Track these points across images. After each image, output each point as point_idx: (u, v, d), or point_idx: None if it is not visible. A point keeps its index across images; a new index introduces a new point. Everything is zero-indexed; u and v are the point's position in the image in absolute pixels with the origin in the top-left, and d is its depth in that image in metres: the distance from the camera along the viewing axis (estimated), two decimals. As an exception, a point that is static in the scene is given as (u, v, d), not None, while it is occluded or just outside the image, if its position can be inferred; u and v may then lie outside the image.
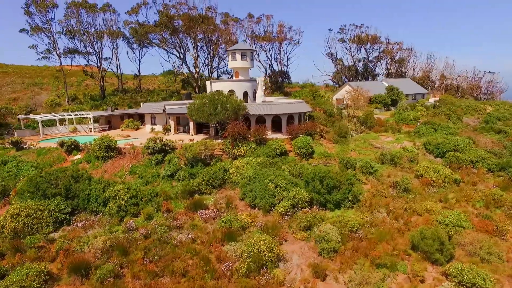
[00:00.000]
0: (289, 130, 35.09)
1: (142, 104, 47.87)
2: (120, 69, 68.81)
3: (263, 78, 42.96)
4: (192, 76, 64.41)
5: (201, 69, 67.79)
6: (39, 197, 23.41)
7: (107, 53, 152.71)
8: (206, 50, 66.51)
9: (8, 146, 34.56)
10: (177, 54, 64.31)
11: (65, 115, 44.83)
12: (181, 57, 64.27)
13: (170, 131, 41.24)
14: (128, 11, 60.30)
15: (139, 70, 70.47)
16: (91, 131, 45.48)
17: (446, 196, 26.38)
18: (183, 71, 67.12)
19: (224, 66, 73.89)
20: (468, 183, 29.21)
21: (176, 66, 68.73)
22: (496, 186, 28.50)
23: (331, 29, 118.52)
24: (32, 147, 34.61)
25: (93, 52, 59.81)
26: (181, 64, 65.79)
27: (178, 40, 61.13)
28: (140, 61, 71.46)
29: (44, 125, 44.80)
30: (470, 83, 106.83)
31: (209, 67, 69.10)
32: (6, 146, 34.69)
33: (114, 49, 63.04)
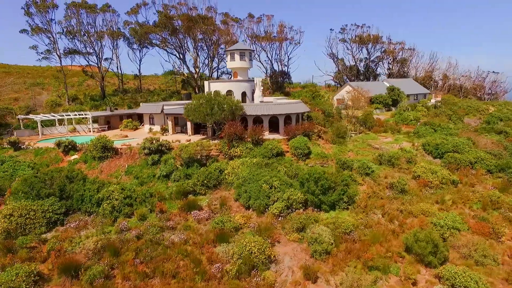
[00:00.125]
0: (286, 131, 34.90)
1: (141, 105, 47.93)
2: (121, 69, 69.12)
3: (261, 79, 42.80)
4: (192, 76, 64.41)
5: (201, 69, 67.84)
6: (33, 197, 23.45)
7: (108, 54, 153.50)
8: (206, 50, 66.52)
9: (6, 146, 34.72)
10: (177, 55, 64.38)
11: (64, 115, 44.96)
12: (181, 58, 64.37)
13: (168, 132, 41.21)
14: (128, 12, 60.52)
15: (140, 70, 70.73)
16: (90, 131, 45.59)
17: (443, 198, 26.08)
18: (183, 72, 67.14)
19: (224, 66, 73.82)
20: (466, 185, 28.89)
21: (177, 66, 68.87)
22: (495, 188, 28.15)
23: (333, 29, 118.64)
24: (30, 147, 34.78)
25: (93, 53, 60.01)
26: (181, 65, 65.90)
27: (178, 41, 61.16)
28: (141, 62, 71.80)
29: (43, 125, 44.97)
30: (474, 83, 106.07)
31: (209, 67, 69.13)
32: (4, 146, 34.84)
33: (115, 50, 63.29)
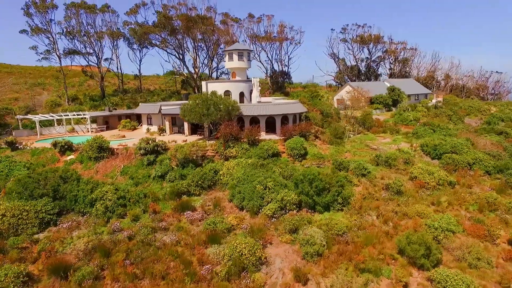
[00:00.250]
0: (283, 131, 34.74)
1: (140, 105, 47.95)
2: (121, 70, 69.21)
3: (259, 79, 42.67)
4: (192, 77, 64.39)
5: (201, 69, 67.82)
6: (27, 198, 23.44)
7: (108, 54, 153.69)
8: (206, 51, 66.47)
9: (4, 146, 34.77)
10: (176, 55, 64.38)
11: (63, 116, 45.05)
12: (180, 58, 64.35)
13: (166, 132, 41.19)
14: (127, 12, 60.60)
15: (140, 71, 70.84)
16: (88, 132, 45.66)
17: (439, 199, 25.85)
18: (183, 72, 67.15)
19: (224, 66, 73.71)
20: (464, 186, 28.61)
21: (177, 67, 68.87)
22: (492, 189, 27.86)
23: (334, 29, 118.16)
24: (27, 147, 34.85)
25: (93, 53, 60.15)
26: (181, 65, 65.90)
27: (177, 41, 61.15)
28: (141, 62, 71.87)
29: (42, 126, 45.09)
30: (477, 83, 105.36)
31: (209, 67, 69.07)
32: (2, 146, 34.89)
33: (115, 50, 63.40)
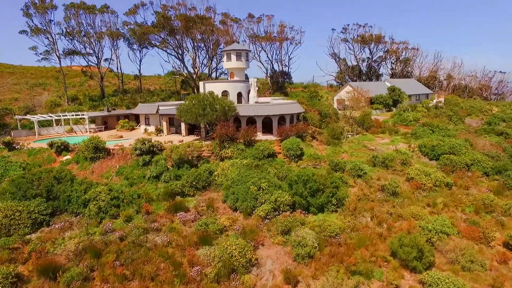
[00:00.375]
0: (280, 132, 34.58)
1: (138, 105, 47.97)
2: (121, 70, 69.40)
3: (256, 79, 42.53)
4: (191, 77, 64.40)
5: (201, 70, 67.80)
6: (20, 198, 23.48)
7: (108, 54, 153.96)
8: (205, 51, 66.43)
9: (1, 146, 34.93)
10: (176, 55, 64.42)
11: (61, 116, 45.17)
12: (180, 58, 64.36)
13: (163, 132, 41.16)
14: (126, 12, 60.70)
15: (140, 71, 70.99)
16: (87, 132, 45.77)
17: (435, 201, 25.57)
18: (183, 72, 67.19)
19: (223, 67, 73.75)
20: (461, 187, 28.29)
21: (177, 67, 68.92)
22: (489, 191, 27.53)
23: (334, 29, 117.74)
24: (24, 148, 34.96)
25: (93, 53, 60.31)
26: (181, 65, 65.92)
27: (176, 41, 61.18)
28: (141, 62, 71.96)
29: (41, 126, 45.26)
30: (480, 83, 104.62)
31: (209, 67, 69.03)
32: (-1, 146, 35.10)
33: (114, 50, 63.57)
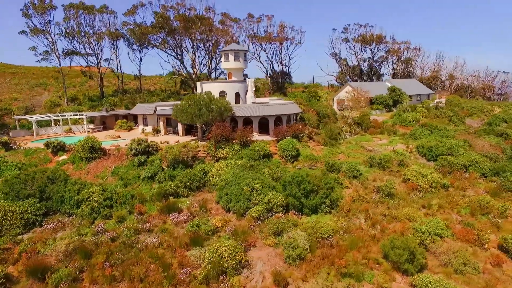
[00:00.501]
0: (276, 132, 34.42)
1: (136, 105, 47.99)
2: (121, 70, 69.50)
3: (253, 79, 42.42)
4: (190, 77, 64.38)
5: (200, 70, 67.74)
6: (13, 198, 23.49)
7: (109, 54, 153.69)
8: (205, 51, 66.41)
9: (-2, 146, 35.05)
10: (175, 55, 64.45)
11: (60, 116, 45.25)
12: (179, 58, 64.34)
13: (160, 132, 41.13)
14: (125, 13, 60.81)
15: (140, 71, 71.05)
16: (85, 132, 45.84)
17: (430, 202, 25.32)
18: (182, 72, 67.19)
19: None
20: (458, 189, 27.99)
21: (176, 67, 68.92)
22: (486, 192, 27.23)
23: (335, 29, 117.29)
24: (21, 148, 35.04)
25: (93, 54, 60.43)
26: (180, 65, 65.92)
27: (175, 41, 61.18)
28: (141, 62, 72.01)
29: (40, 126, 45.39)
30: (483, 83, 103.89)
31: (208, 68, 68.99)
32: (-4, 147, 35.18)
33: (114, 50, 63.67)
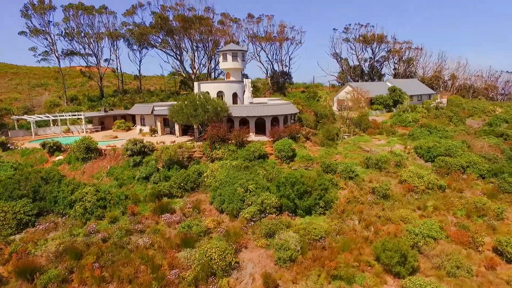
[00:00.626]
0: (272, 133, 34.25)
1: (134, 105, 48.01)
2: (121, 70, 69.60)
3: (251, 80, 42.31)
4: (189, 77, 64.36)
5: (200, 70, 67.75)
6: (6, 199, 23.52)
7: (109, 55, 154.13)
8: (204, 51, 66.37)
9: (-5, 147, 35.18)
10: (174, 55, 64.49)
11: (58, 116, 45.37)
12: (178, 58, 64.35)
13: (157, 133, 41.09)
14: (124, 13, 60.95)
15: (140, 71, 71.15)
16: (83, 132, 45.92)
17: (426, 204, 25.05)
18: (182, 72, 67.20)
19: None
20: (455, 190, 27.69)
21: (176, 67, 68.90)
22: (483, 194, 26.89)
23: (336, 29, 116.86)
24: (18, 148, 35.14)
25: (92, 54, 60.58)
26: (180, 65, 65.85)
27: (174, 41, 61.18)
28: (141, 62, 72.09)
29: (39, 126, 45.53)
30: (486, 83, 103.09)
31: (208, 68, 68.92)
32: (-7, 147, 35.30)
33: (114, 50, 63.79)
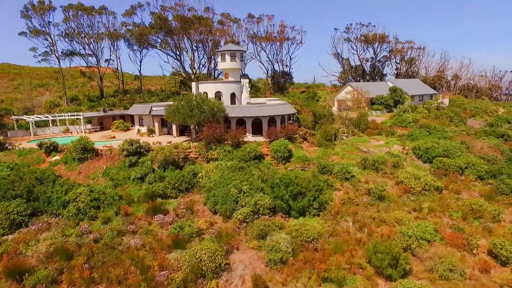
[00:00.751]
0: (269, 133, 34.09)
1: (133, 105, 48.05)
2: (121, 70, 69.72)
3: (248, 80, 42.19)
4: (189, 77, 64.35)
5: (200, 70, 67.72)
6: (0, 199, 23.57)
7: (108, 55, 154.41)
8: (204, 51, 66.33)
9: (-7, 147, 35.32)
10: (174, 55, 64.52)
11: (57, 116, 45.52)
12: (178, 58, 64.38)
13: (155, 133, 41.09)
14: (124, 13, 61.08)
15: (140, 71, 71.24)
16: (82, 132, 46.02)
17: (422, 205, 24.77)
18: (182, 72, 67.22)
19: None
20: (452, 191, 27.38)
21: (176, 67, 68.94)
22: (481, 195, 26.55)
23: (337, 29, 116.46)
24: (15, 148, 35.26)
25: (92, 54, 60.76)
26: (179, 65, 65.89)
27: (174, 42, 61.19)
28: (141, 62, 72.20)
29: (38, 126, 45.69)
30: (490, 83, 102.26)
31: (207, 68, 68.90)
32: (-9, 147, 35.44)
33: (114, 50, 63.95)
